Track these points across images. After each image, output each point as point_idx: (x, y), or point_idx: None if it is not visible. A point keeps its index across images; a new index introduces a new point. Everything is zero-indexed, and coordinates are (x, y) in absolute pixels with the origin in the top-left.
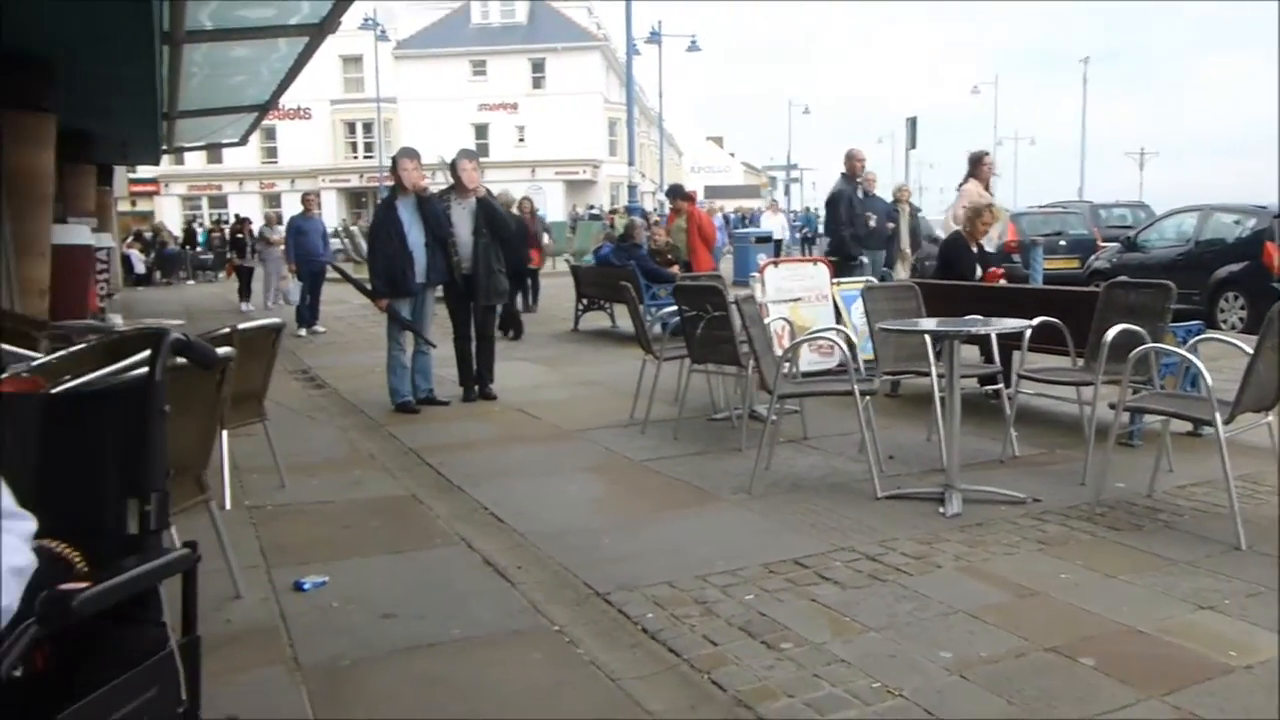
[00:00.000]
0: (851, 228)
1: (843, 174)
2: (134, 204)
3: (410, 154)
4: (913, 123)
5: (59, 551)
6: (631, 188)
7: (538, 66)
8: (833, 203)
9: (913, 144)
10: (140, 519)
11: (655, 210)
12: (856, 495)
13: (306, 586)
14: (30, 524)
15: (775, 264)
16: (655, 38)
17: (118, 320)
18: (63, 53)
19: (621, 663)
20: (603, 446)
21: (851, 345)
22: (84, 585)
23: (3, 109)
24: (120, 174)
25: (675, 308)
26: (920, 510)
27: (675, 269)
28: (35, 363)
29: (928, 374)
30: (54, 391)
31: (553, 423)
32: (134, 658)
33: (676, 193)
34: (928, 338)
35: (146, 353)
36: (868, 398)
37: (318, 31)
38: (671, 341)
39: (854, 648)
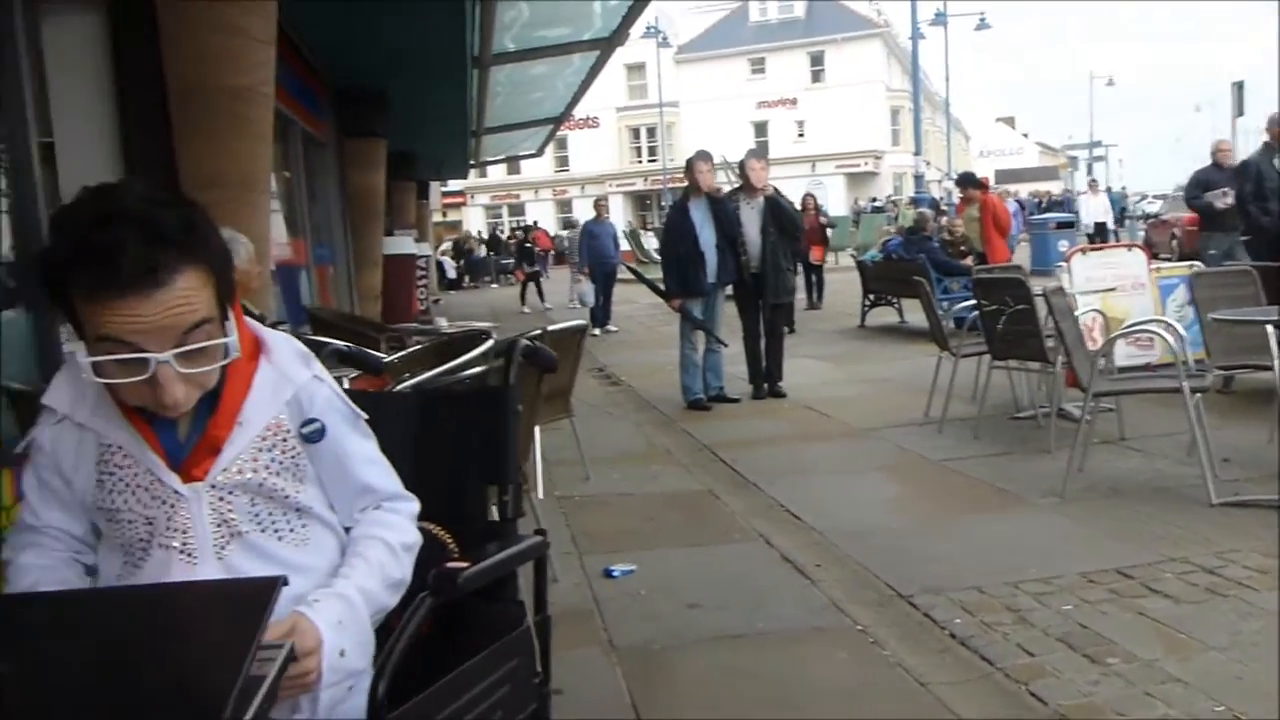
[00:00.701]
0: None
1: (1265, 142)
2: (444, 214)
3: (704, 156)
4: (1239, 87)
5: (436, 533)
6: (918, 177)
7: (816, 60)
8: (1240, 173)
9: (1239, 110)
10: (500, 508)
11: (943, 199)
12: (1187, 501)
13: (616, 574)
14: (415, 505)
15: (1084, 252)
16: (940, 19)
17: (443, 323)
18: (392, 86)
19: (930, 667)
20: (896, 445)
21: (1180, 337)
22: (465, 564)
23: (345, 137)
24: (434, 188)
25: (971, 301)
26: (1264, 520)
27: (968, 261)
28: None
29: (1269, 368)
30: (411, 390)
31: (843, 420)
32: (498, 632)
33: (967, 180)
34: (1271, 328)
35: (474, 352)
36: (1198, 395)
37: (608, 45)
38: (968, 336)
39: (1192, 667)
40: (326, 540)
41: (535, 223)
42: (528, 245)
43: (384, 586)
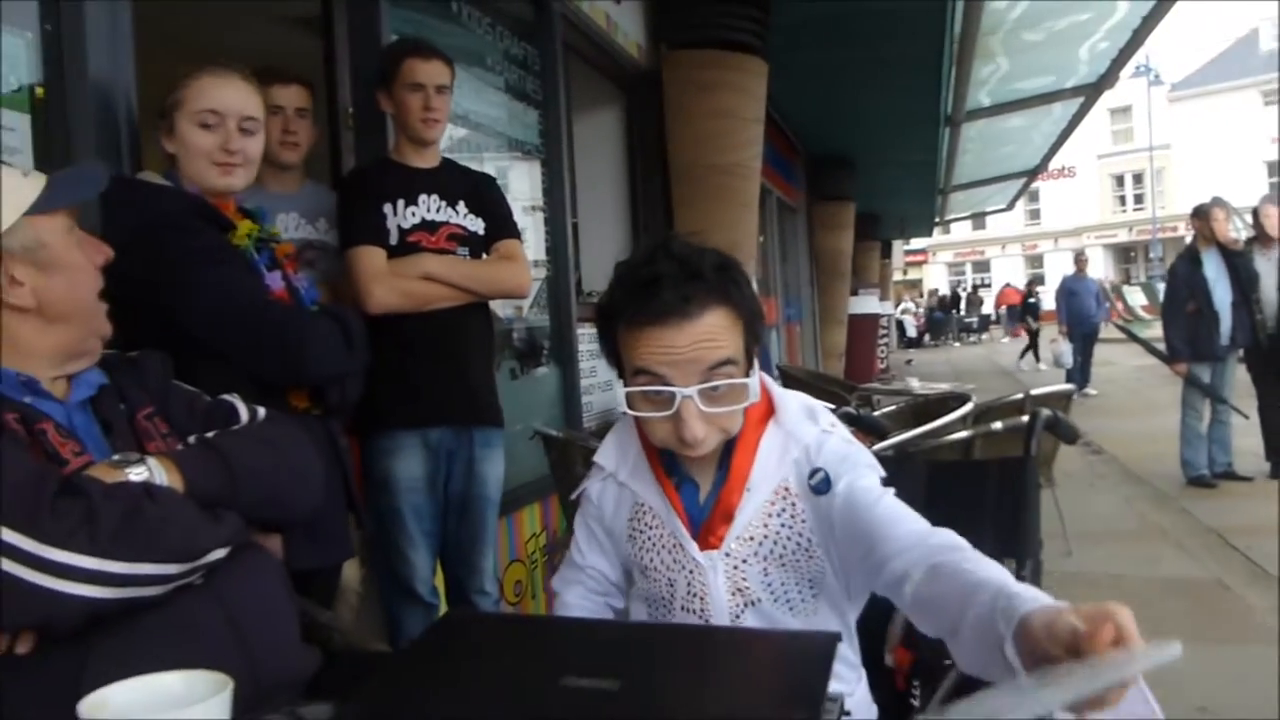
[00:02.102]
0: None
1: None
2: (905, 273)
3: (1220, 204)
4: None
5: None
6: None
7: None
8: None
9: None
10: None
11: None
12: None
13: None
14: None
15: None
16: None
17: (914, 383)
18: (861, 150)
19: None
20: None
21: None
22: None
23: (814, 201)
24: (897, 247)
25: None
26: None
27: None
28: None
29: None
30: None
31: None
32: None
33: None
34: None
35: (954, 414)
36: None
37: (1094, 90)
38: None
39: None
40: (831, 619)
41: (1007, 283)
42: (1031, 300)
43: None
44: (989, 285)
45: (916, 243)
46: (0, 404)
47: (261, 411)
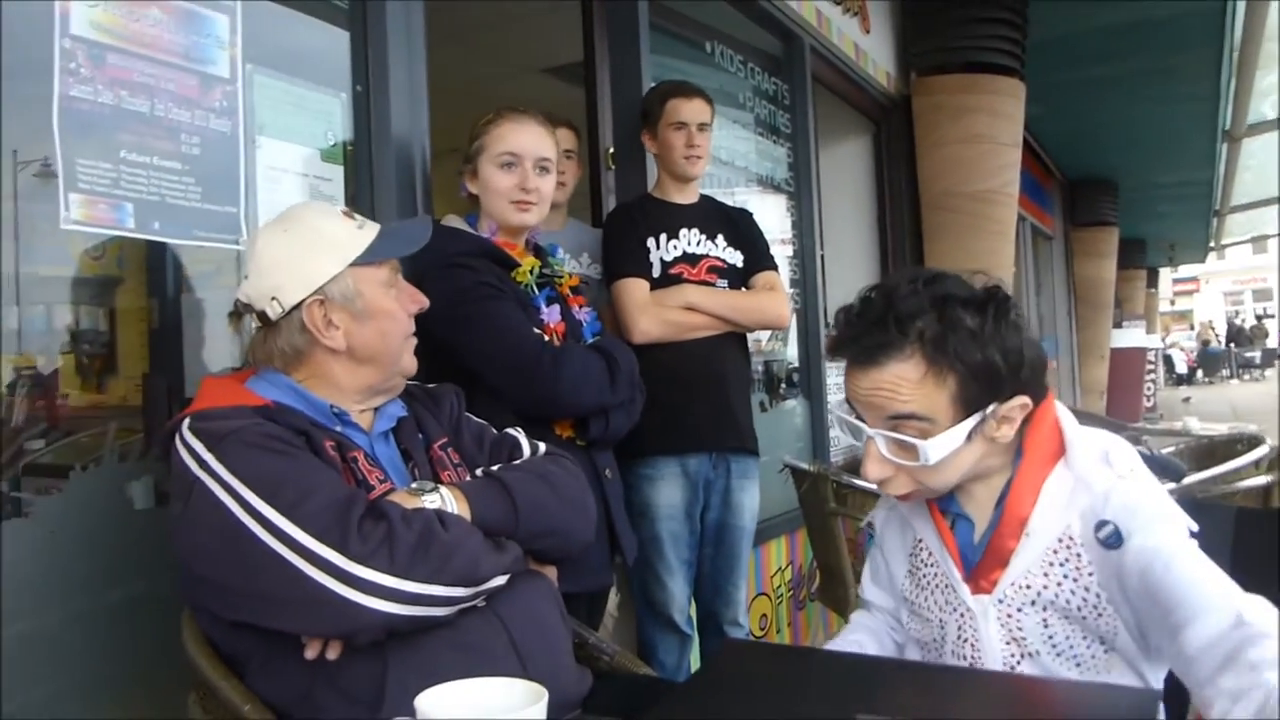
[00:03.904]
0: None
1: None
2: (1173, 302)
3: None
4: None
5: None
6: None
7: None
8: None
9: None
10: None
11: None
12: None
13: None
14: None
15: None
16: None
17: (1194, 423)
18: (1125, 171)
19: None
20: None
21: None
22: None
23: (1072, 227)
24: (1164, 275)
25: None
26: None
27: None
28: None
29: None
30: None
31: None
32: None
33: None
34: None
35: (1248, 457)
36: None
37: None
38: None
39: None
40: (1127, 678)
41: None
42: None
43: None
44: (1272, 316)
45: (1186, 270)
46: (321, 433)
47: (542, 447)
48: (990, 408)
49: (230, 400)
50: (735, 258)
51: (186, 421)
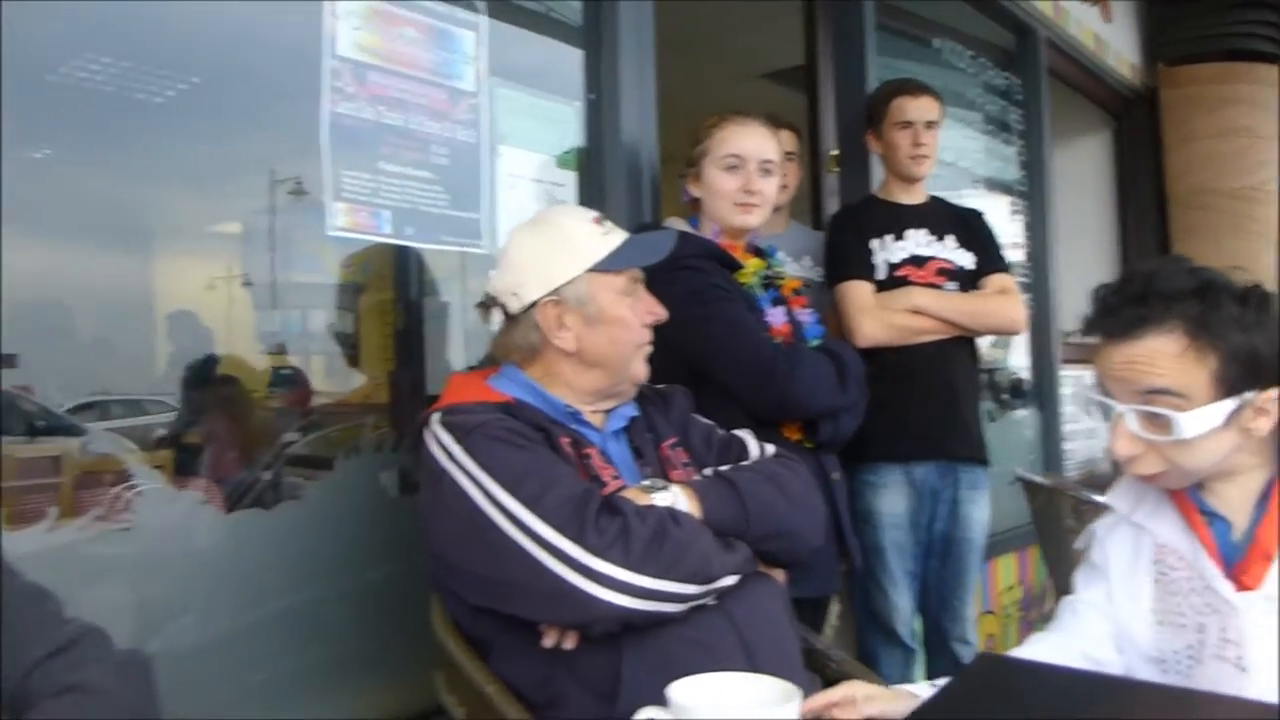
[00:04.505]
0: None
1: None
2: None
3: None
4: None
5: None
6: None
7: None
8: None
9: None
10: None
11: None
12: None
13: None
14: None
15: None
16: None
17: None
18: None
19: None
20: None
21: None
22: None
23: None
24: None
25: None
26: None
27: None
28: None
29: None
30: None
31: None
32: None
33: None
34: None
35: None
36: None
37: None
38: None
39: None
40: None
41: None
42: None
43: None
44: None
45: None
46: (557, 429)
47: (770, 449)
48: (1249, 394)
49: (475, 396)
50: (966, 259)
51: (437, 415)
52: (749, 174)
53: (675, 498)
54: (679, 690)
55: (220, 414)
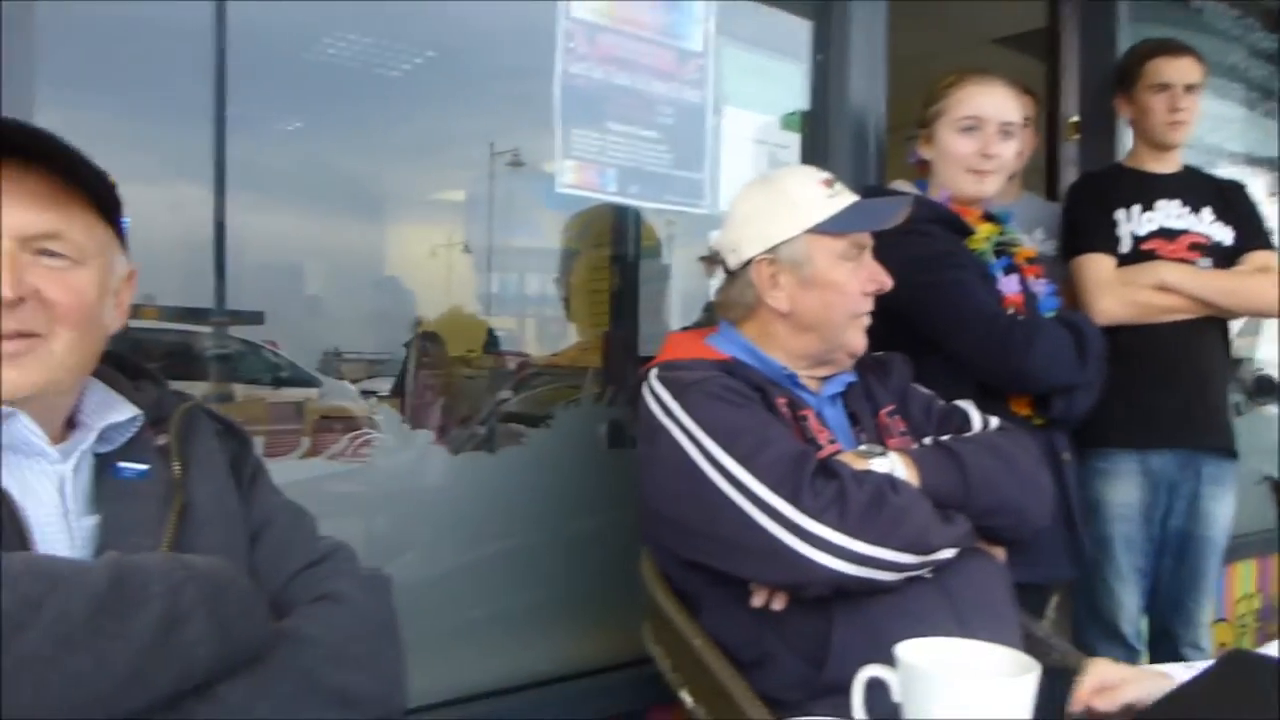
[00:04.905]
0: None
1: None
2: None
3: None
4: None
5: None
6: None
7: None
8: None
9: None
10: None
11: None
12: None
13: None
14: None
15: None
16: None
17: None
18: None
19: None
20: None
21: None
22: None
23: None
24: None
25: None
26: None
27: None
28: None
29: None
30: None
31: None
32: None
33: None
34: None
35: None
36: None
37: None
38: None
39: None
40: None
41: None
42: None
43: None
44: None
45: None
46: (774, 390)
47: (994, 421)
48: None
49: (694, 354)
50: (1223, 234)
51: (655, 371)
52: (987, 137)
53: (893, 464)
54: (907, 650)
55: (442, 370)
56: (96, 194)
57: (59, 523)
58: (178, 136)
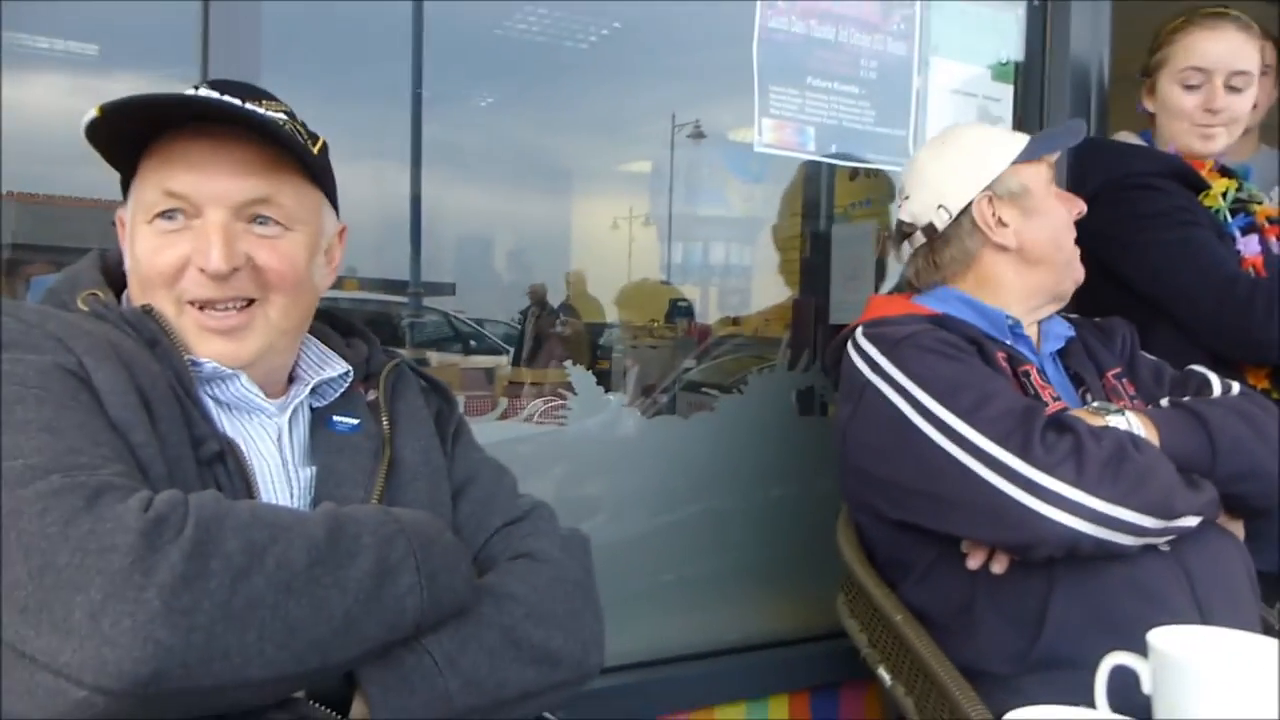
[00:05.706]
0: None
1: None
2: None
3: None
4: None
5: None
6: None
7: None
8: None
9: None
10: None
11: None
12: None
13: None
14: None
15: None
16: None
17: None
18: None
19: None
20: None
21: None
22: None
23: None
24: None
25: None
26: None
27: None
28: None
29: None
30: None
31: None
32: None
33: None
34: None
35: None
36: None
37: None
38: None
39: None
40: None
41: None
42: None
43: None
44: None
45: None
46: (993, 344)
47: (1235, 386)
48: None
49: (901, 311)
50: None
51: (860, 329)
52: (1215, 89)
53: (1130, 423)
54: (1164, 639)
55: (629, 337)
56: (305, 159)
57: (280, 472)
58: (379, 117)
